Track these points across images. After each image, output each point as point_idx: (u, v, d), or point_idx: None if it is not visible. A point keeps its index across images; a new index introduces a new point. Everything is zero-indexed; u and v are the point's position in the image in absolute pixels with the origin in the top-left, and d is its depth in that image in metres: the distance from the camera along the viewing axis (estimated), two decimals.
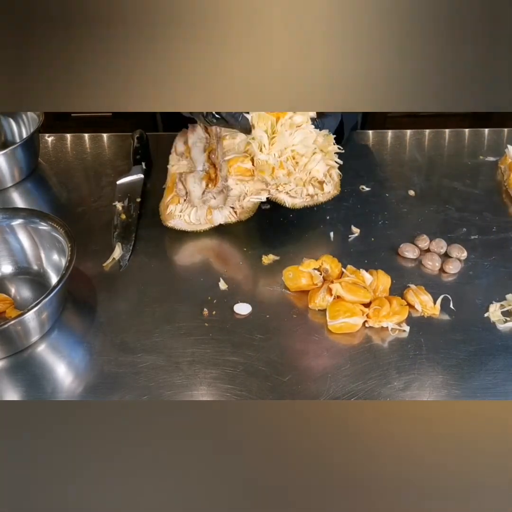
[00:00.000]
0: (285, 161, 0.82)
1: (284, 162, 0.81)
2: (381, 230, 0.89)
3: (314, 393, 0.67)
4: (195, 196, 0.87)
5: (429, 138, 1.11)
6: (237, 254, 0.86)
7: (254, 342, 0.73)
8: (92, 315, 0.77)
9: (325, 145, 0.86)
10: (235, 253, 0.87)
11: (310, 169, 0.83)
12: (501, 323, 0.74)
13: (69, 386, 0.69)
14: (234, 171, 0.81)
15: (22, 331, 0.71)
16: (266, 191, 0.82)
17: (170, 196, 0.90)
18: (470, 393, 0.67)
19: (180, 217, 0.88)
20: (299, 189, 0.83)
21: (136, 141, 1.07)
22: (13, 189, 1.02)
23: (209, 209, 0.87)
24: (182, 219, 0.88)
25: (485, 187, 0.98)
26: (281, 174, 0.81)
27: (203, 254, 0.87)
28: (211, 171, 0.89)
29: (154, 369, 0.70)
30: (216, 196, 0.86)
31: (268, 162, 0.80)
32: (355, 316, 0.73)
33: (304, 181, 0.84)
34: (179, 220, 0.88)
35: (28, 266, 0.84)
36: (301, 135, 0.83)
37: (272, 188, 0.82)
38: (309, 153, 0.83)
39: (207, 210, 0.87)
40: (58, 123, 1.93)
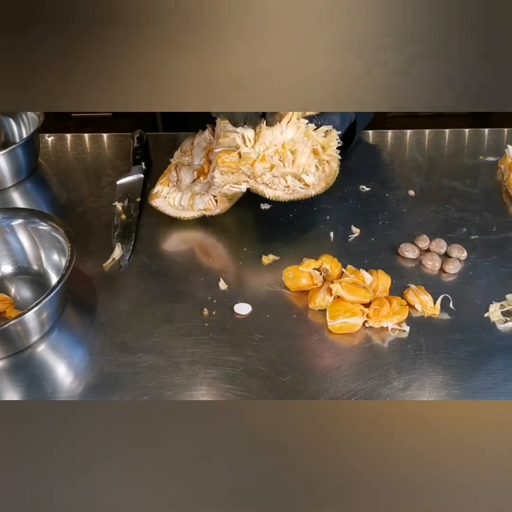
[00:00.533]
0: (272, 155, 0.85)
1: (268, 156, 0.85)
2: (381, 230, 0.89)
3: (314, 393, 0.67)
4: (184, 183, 0.93)
5: (429, 138, 1.11)
6: (237, 254, 0.86)
7: (254, 342, 0.73)
8: (92, 315, 0.77)
9: (326, 140, 0.89)
10: (235, 253, 0.87)
11: (301, 164, 0.86)
12: (501, 323, 0.74)
13: (69, 386, 0.69)
14: (221, 162, 0.85)
15: (22, 331, 0.71)
16: (246, 182, 0.85)
17: (162, 179, 0.95)
18: (470, 393, 0.67)
19: (165, 198, 0.92)
20: (276, 180, 0.85)
21: (136, 141, 1.07)
22: (13, 189, 1.02)
23: (192, 195, 0.91)
24: (166, 201, 0.92)
25: (485, 187, 0.98)
26: (258, 165, 0.84)
27: (203, 254, 0.87)
28: (205, 166, 0.93)
29: (154, 369, 0.70)
30: (202, 186, 0.91)
31: (248, 155, 0.85)
32: (355, 316, 0.73)
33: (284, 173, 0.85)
34: (163, 201, 0.92)
35: (28, 266, 0.84)
36: (292, 131, 0.86)
37: (251, 179, 0.85)
38: (303, 148, 0.86)
39: (190, 196, 0.91)
40: (58, 123, 1.93)
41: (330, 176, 0.88)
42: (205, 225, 0.91)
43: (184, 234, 0.90)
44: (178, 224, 0.92)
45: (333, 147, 0.89)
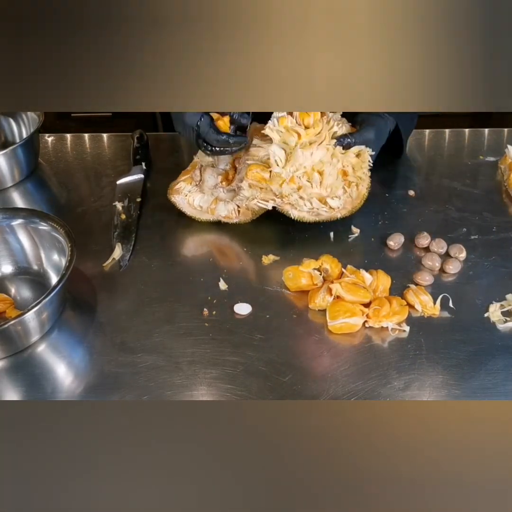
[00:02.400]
0: (301, 176, 0.85)
1: (297, 177, 0.85)
2: (381, 230, 0.89)
3: (314, 393, 0.67)
4: (207, 185, 0.92)
5: (429, 138, 1.11)
6: (237, 254, 0.86)
7: (254, 342, 0.73)
8: (92, 315, 0.77)
9: (358, 161, 0.87)
10: (235, 253, 0.87)
11: (328, 185, 0.85)
12: (501, 323, 0.74)
13: (69, 386, 0.69)
14: (251, 175, 0.86)
15: (22, 331, 0.71)
16: (273, 200, 0.85)
17: (185, 176, 0.94)
18: (470, 393, 0.67)
19: (185, 195, 0.92)
20: (301, 201, 0.85)
21: (136, 141, 1.07)
22: (13, 189, 1.02)
23: (216, 199, 0.90)
24: (186, 199, 0.92)
25: (485, 187, 0.98)
26: (286, 186, 0.84)
27: (203, 254, 0.87)
28: (230, 172, 0.93)
29: (154, 369, 0.70)
30: (226, 192, 0.90)
31: (279, 175, 0.85)
32: (355, 316, 0.73)
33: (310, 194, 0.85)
34: (183, 199, 0.92)
35: (28, 266, 0.84)
36: (321, 152, 0.86)
37: (278, 198, 0.85)
38: (330, 170, 0.85)
39: (214, 200, 0.90)
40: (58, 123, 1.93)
41: (358, 199, 0.87)
42: (205, 226, 0.91)
43: (184, 234, 0.90)
44: (178, 224, 0.92)
45: (364, 169, 0.87)
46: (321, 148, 0.86)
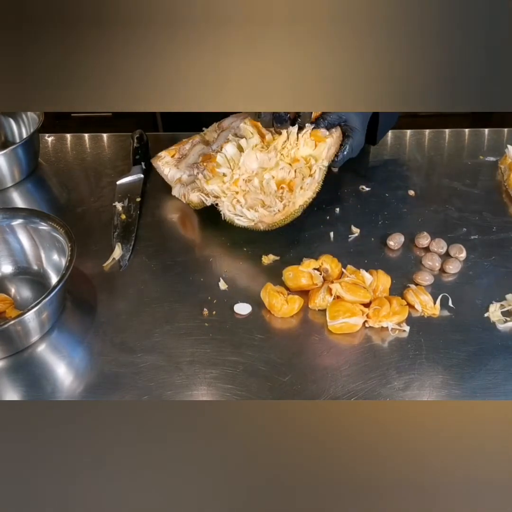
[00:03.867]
0: (245, 180, 0.85)
1: (240, 180, 0.85)
2: (381, 230, 0.89)
3: (314, 393, 0.67)
4: (187, 161, 0.95)
5: (429, 138, 1.11)
6: (237, 254, 0.86)
7: (254, 342, 0.73)
8: (92, 315, 0.77)
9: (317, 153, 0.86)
10: (235, 253, 0.87)
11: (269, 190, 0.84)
12: (501, 323, 0.75)
13: (69, 386, 0.69)
14: (210, 166, 0.87)
15: (22, 331, 0.71)
16: (209, 197, 0.86)
17: (174, 147, 0.97)
18: (470, 393, 0.67)
19: (162, 165, 0.96)
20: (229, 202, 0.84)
21: (136, 141, 1.07)
22: (13, 189, 1.02)
23: (179, 179, 0.94)
24: (162, 168, 0.96)
25: (485, 187, 0.98)
26: (215, 186, 0.85)
27: (203, 254, 0.87)
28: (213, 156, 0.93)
29: (154, 369, 0.70)
30: (188, 177, 0.93)
31: (220, 175, 0.85)
32: (355, 316, 0.73)
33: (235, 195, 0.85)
34: (160, 167, 0.96)
35: (28, 266, 0.84)
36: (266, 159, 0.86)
37: (212, 197, 0.86)
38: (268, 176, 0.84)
39: (177, 179, 0.94)
40: (58, 123, 1.93)
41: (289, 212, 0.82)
42: (205, 226, 0.91)
43: (184, 234, 0.90)
44: (178, 224, 0.92)
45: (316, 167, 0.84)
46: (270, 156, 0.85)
